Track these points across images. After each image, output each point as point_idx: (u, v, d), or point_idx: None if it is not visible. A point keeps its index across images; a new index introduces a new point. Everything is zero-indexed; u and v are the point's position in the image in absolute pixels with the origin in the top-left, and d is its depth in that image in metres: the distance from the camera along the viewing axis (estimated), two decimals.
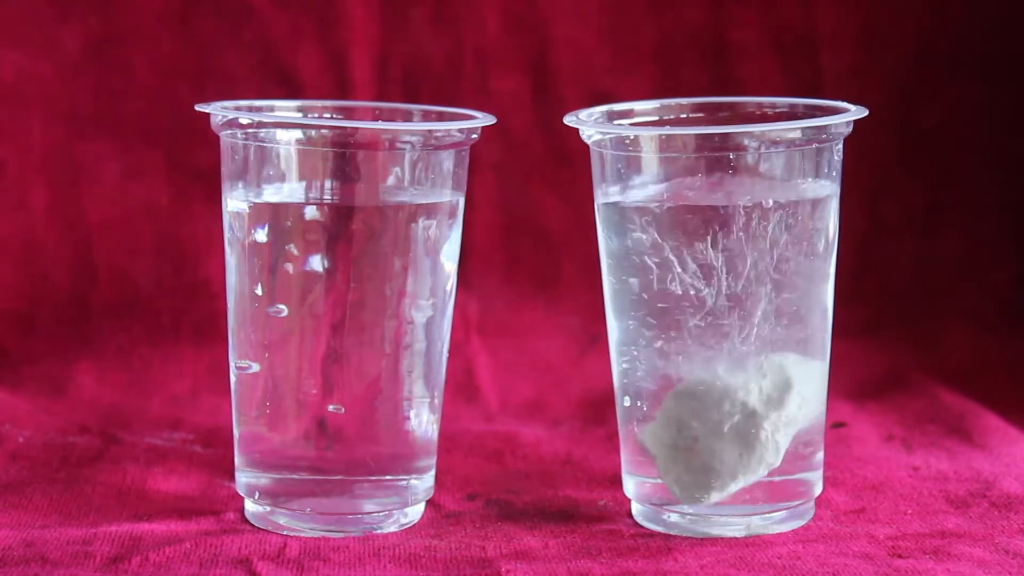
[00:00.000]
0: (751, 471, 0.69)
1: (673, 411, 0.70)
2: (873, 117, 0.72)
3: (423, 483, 0.73)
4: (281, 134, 0.71)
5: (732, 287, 0.69)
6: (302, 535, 0.71)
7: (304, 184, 0.71)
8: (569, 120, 0.71)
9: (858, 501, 0.75)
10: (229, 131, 0.71)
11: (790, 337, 0.70)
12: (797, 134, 0.69)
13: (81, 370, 0.94)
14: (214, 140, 0.73)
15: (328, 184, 0.71)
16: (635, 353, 0.71)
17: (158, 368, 0.94)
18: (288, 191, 0.71)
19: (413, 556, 0.69)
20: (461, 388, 0.93)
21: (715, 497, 0.70)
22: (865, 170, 0.98)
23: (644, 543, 0.70)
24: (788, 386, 0.69)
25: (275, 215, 0.71)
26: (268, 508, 0.72)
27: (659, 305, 0.70)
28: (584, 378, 0.94)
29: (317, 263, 0.71)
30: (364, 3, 0.98)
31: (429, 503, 0.75)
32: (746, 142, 0.69)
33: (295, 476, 0.72)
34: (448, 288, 0.73)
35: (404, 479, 0.73)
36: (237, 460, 0.74)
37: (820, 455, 0.72)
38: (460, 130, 0.71)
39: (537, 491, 0.78)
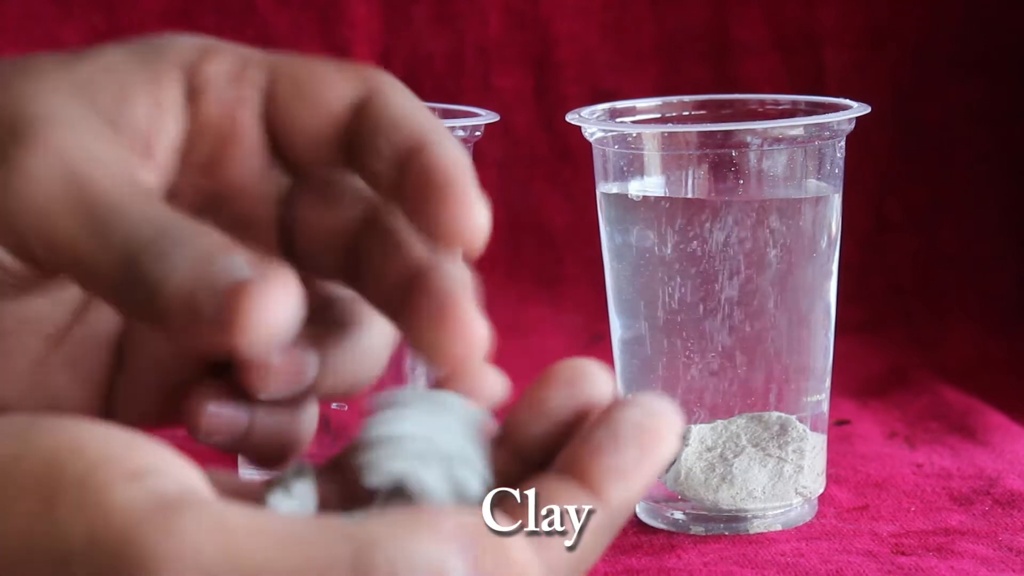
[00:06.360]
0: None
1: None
2: (876, 114, 0.72)
3: None
4: None
5: (734, 284, 0.69)
6: None
7: None
8: (571, 118, 0.71)
9: (861, 498, 0.74)
10: None
11: (792, 335, 0.70)
12: (799, 131, 0.69)
13: None
14: None
15: None
16: (638, 350, 0.71)
17: None
18: None
19: None
20: None
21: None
22: (868, 168, 0.98)
23: (647, 540, 0.70)
24: None
25: None
26: None
27: (661, 302, 0.70)
28: None
29: None
30: (366, 1, 0.98)
31: None
32: (748, 139, 0.69)
33: None
34: None
35: None
36: (239, 457, 0.73)
37: None
38: (463, 128, 0.71)
39: None
